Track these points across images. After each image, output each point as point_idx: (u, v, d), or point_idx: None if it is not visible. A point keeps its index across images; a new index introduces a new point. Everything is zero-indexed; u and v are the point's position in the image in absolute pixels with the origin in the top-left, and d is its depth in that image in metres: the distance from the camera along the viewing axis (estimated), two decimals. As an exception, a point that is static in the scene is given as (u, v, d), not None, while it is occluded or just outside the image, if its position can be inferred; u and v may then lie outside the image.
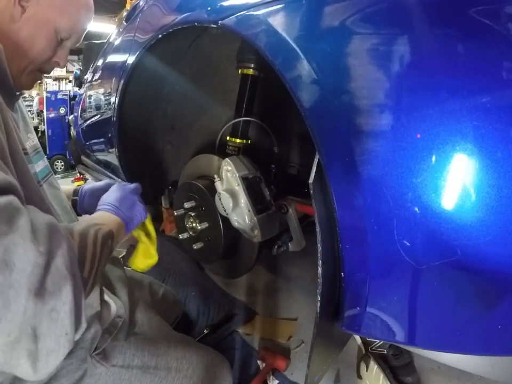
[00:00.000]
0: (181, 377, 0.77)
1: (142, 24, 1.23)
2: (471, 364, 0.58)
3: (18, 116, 0.71)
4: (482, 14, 0.44)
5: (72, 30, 0.68)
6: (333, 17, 0.56)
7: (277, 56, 0.61)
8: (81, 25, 0.70)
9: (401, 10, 0.50)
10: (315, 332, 0.60)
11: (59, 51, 0.69)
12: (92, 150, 1.91)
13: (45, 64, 0.68)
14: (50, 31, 0.64)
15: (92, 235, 0.54)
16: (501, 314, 0.48)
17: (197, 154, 1.21)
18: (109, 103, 1.41)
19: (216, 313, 1.37)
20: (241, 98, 1.09)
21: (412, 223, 0.49)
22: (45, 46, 0.65)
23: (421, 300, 0.52)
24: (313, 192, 0.58)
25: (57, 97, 5.37)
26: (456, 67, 0.46)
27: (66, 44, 0.70)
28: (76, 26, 0.68)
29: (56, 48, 0.68)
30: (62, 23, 0.65)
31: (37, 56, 0.65)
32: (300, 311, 1.40)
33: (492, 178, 0.44)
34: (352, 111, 0.52)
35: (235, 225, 0.95)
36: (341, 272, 0.59)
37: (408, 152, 0.48)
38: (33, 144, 0.73)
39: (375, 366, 1.02)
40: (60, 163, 5.42)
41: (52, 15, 0.64)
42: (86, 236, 0.53)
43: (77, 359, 0.69)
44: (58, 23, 0.65)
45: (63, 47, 0.69)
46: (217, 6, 0.78)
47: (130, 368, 0.73)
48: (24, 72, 0.66)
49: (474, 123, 0.44)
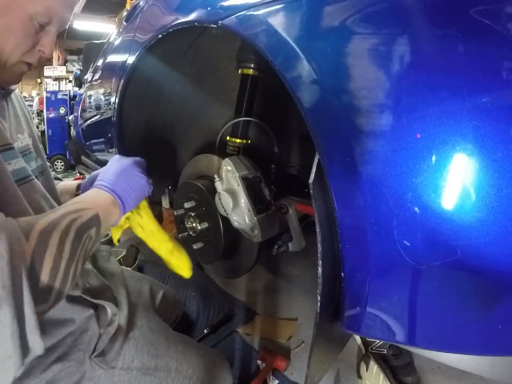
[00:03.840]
0: (181, 378, 0.77)
1: (142, 24, 1.23)
2: (471, 364, 0.58)
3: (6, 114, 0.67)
4: (482, 14, 0.44)
5: (50, 13, 0.61)
6: (333, 17, 0.56)
7: (277, 56, 0.61)
8: (60, 5, 0.63)
9: (401, 10, 0.50)
10: (315, 332, 0.60)
11: (42, 38, 0.63)
12: (91, 150, 1.91)
13: (27, 55, 0.63)
14: (23, 19, 0.58)
15: (61, 229, 0.47)
16: (501, 314, 0.48)
17: (197, 154, 1.21)
18: (109, 103, 1.41)
19: (216, 313, 1.37)
20: (241, 98, 1.09)
21: (412, 223, 0.49)
22: (21, 37, 0.59)
23: (421, 300, 0.52)
24: (313, 192, 0.58)
25: (57, 97, 5.38)
26: (456, 67, 0.46)
27: (50, 29, 0.64)
28: (53, 8, 0.61)
29: (36, 36, 0.62)
30: (36, 7, 0.59)
31: (14, 49, 0.60)
32: (299, 311, 1.40)
33: (492, 178, 0.44)
34: (352, 111, 0.52)
35: (235, 225, 0.95)
36: (341, 272, 0.59)
37: (408, 152, 0.48)
38: (22, 145, 0.69)
39: (375, 366, 1.02)
40: (60, 163, 5.42)
41: (22, 2, 0.58)
42: (50, 232, 0.46)
43: (74, 361, 0.68)
44: (31, 9, 0.58)
45: (46, 33, 0.63)
46: (217, 6, 0.78)
47: (130, 370, 0.73)
48: (5, 67, 0.61)
49: (474, 123, 0.44)
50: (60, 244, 0.46)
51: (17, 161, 0.63)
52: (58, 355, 0.67)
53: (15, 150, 0.63)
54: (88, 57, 2.22)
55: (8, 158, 0.61)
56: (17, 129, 0.71)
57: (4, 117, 0.66)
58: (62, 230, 0.48)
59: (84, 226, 0.51)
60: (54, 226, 0.47)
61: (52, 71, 7.16)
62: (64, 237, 0.47)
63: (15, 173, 0.62)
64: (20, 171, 0.63)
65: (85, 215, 0.53)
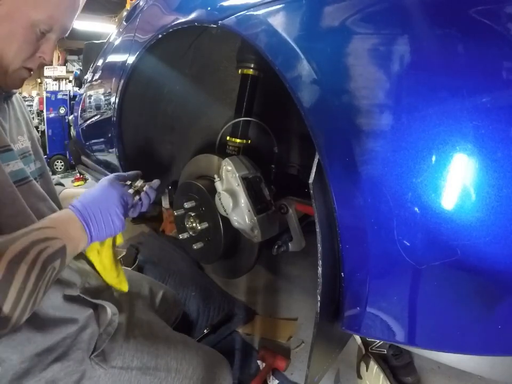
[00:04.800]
0: (181, 378, 0.77)
1: (142, 24, 1.23)
2: (471, 364, 0.58)
3: (7, 116, 0.68)
4: (482, 14, 0.44)
5: (51, 21, 0.63)
6: (333, 17, 0.56)
7: (277, 56, 0.61)
8: (62, 14, 0.64)
9: (401, 10, 0.50)
10: (315, 332, 0.60)
11: (43, 45, 0.65)
12: (91, 150, 1.91)
13: (28, 61, 0.64)
14: (25, 26, 0.60)
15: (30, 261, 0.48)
16: (501, 314, 0.48)
17: (197, 154, 1.21)
18: (109, 103, 1.41)
19: (216, 313, 1.37)
20: (241, 98, 1.09)
21: (412, 223, 0.49)
22: (22, 43, 0.61)
23: (421, 300, 0.52)
24: (313, 192, 0.58)
25: (57, 97, 5.37)
26: (456, 67, 0.46)
27: (50, 37, 0.65)
28: (55, 16, 0.63)
29: (37, 43, 0.63)
30: (38, 15, 0.60)
31: (16, 55, 0.61)
32: (299, 311, 1.40)
33: (492, 178, 0.44)
34: (352, 111, 0.52)
35: (235, 225, 0.95)
36: (341, 272, 0.59)
37: (408, 152, 0.48)
38: (21, 147, 0.70)
39: (375, 366, 1.02)
40: (60, 163, 5.41)
41: (25, 10, 0.59)
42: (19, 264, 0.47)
43: (74, 361, 0.69)
44: (34, 17, 0.60)
45: (47, 40, 0.65)
46: (217, 6, 0.78)
47: (130, 370, 0.73)
48: (7, 72, 0.63)
49: (474, 123, 0.44)
50: (25, 276, 0.47)
51: (16, 163, 0.64)
52: (57, 355, 0.68)
53: (13, 152, 0.64)
54: (88, 57, 2.22)
55: (6, 159, 0.61)
56: (17, 131, 0.71)
57: (4, 118, 0.67)
58: (29, 262, 0.48)
59: (49, 258, 0.52)
60: (23, 257, 0.48)
61: (52, 71, 7.16)
62: (31, 269, 0.48)
63: (13, 174, 0.62)
64: (18, 172, 0.64)
65: (53, 245, 0.53)
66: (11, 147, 0.63)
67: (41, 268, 0.50)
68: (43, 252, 0.51)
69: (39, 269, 0.49)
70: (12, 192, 0.59)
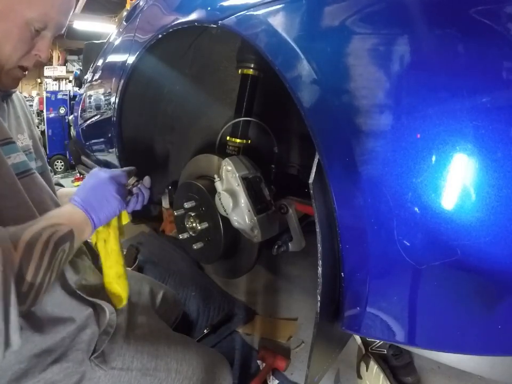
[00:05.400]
0: (181, 379, 0.77)
1: (142, 24, 1.23)
2: (471, 364, 0.58)
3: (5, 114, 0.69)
4: (482, 14, 0.44)
5: (46, 19, 0.62)
6: (333, 17, 0.56)
7: (277, 56, 0.61)
8: (56, 11, 0.64)
9: (401, 10, 0.50)
10: (315, 332, 0.60)
11: (38, 42, 0.64)
12: (91, 150, 1.91)
13: (24, 59, 0.64)
14: (20, 25, 0.60)
15: (43, 241, 0.52)
16: (501, 314, 0.48)
17: (197, 154, 1.21)
18: (109, 103, 1.41)
19: (216, 313, 1.37)
20: (241, 98, 1.09)
21: (412, 223, 0.49)
22: (17, 42, 0.61)
23: (421, 300, 0.52)
24: (313, 192, 0.58)
25: (57, 97, 5.37)
26: (456, 67, 0.46)
27: (45, 34, 0.65)
28: (49, 14, 0.62)
29: (32, 41, 0.63)
30: (32, 13, 0.60)
31: (11, 54, 0.61)
32: (299, 311, 1.40)
33: (492, 178, 0.44)
34: (352, 111, 0.52)
35: (235, 225, 0.95)
36: (341, 272, 0.59)
37: (408, 152, 0.48)
38: (22, 145, 0.70)
39: (375, 366, 1.02)
40: (60, 163, 5.42)
41: (19, 8, 0.59)
42: (34, 244, 0.51)
43: (73, 362, 0.68)
44: (28, 15, 0.60)
45: (42, 37, 0.64)
46: (217, 6, 0.78)
47: (130, 371, 0.73)
48: (2, 71, 0.63)
49: (474, 123, 0.44)
50: (41, 254, 0.51)
51: (18, 155, 0.64)
52: (56, 356, 0.67)
53: (15, 144, 0.64)
54: (88, 57, 2.22)
55: (8, 152, 0.62)
56: (17, 129, 0.71)
57: (3, 117, 0.67)
58: (43, 242, 0.52)
59: (60, 240, 0.55)
60: (37, 238, 0.52)
61: (52, 71, 7.16)
62: (45, 248, 0.52)
63: (15, 167, 0.63)
64: (20, 165, 0.65)
65: (61, 230, 0.56)
66: (12, 139, 0.63)
67: (53, 248, 0.53)
68: (53, 235, 0.54)
69: (51, 249, 0.52)
70: (13, 184, 0.60)
